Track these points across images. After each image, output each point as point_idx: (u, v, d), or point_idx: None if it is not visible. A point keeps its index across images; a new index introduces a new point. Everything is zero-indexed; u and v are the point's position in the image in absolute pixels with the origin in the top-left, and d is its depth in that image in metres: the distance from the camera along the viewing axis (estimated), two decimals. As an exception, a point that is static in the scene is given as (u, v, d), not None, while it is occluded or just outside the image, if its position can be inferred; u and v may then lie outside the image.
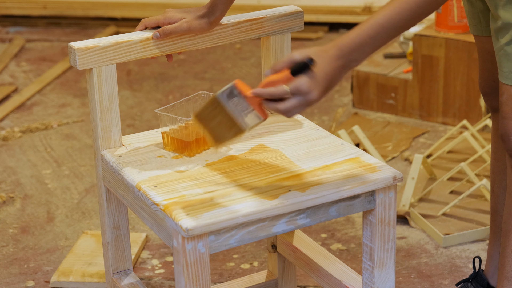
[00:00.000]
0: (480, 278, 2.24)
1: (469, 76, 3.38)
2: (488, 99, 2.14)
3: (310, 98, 1.61)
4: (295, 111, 1.62)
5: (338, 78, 1.63)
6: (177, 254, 1.65)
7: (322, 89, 1.61)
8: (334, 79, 1.63)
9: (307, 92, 1.61)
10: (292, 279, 2.25)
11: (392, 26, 1.61)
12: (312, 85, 1.61)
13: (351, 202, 1.76)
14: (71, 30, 4.79)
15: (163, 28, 1.89)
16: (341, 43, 1.61)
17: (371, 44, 1.61)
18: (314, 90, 1.61)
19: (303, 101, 1.61)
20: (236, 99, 1.64)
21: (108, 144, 1.92)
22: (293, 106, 1.61)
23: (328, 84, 1.62)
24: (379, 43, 1.62)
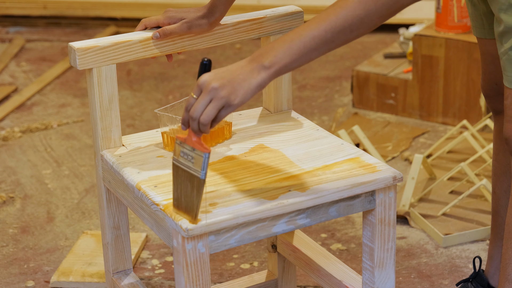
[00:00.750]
0: (480, 278, 2.24)
1: (469, 76, 3.38)
2: (490, 101, 2.14)
3: (213, 89, 1.54)
4: (207, 112, 1.55)
5: (246, 75, 1.56)
6: (177, 254, 1.65)
7: (223, 81, 1.54)
8: (240, 74, 1.55)
9: (206, 84, 1.55)
10: (292, 279, 2.25)
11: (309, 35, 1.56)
12: (212, 77, 1.56)
13: (351, 202, 1.76)
14: (71, 30, 4.79)
15: (163, 29, 1.89)
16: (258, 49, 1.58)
17: (284, 50, 1.55)
18: (214, 80, 1.55)
19: (206, 96, 1.55)
20: (183, 152, 1.59)
21: (108, 144, 1.92)
22: (199, 103, 1.55)
23: (232, 76, 1.55)
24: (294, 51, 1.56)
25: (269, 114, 2.09)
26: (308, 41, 1.56)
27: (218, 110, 1.56)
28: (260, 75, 1.56)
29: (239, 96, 1.55)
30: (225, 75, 1.56)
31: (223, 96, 1.55)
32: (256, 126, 2.02)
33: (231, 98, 1.55)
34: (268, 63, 1.56)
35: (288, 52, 1.56)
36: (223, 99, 1.55)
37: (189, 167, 1.58)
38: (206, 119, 1.56)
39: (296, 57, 1.56)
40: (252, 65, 1.57)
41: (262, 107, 2.13)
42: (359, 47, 4.42)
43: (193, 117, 1.57)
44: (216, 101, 1.55)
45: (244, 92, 1.55)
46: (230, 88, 1.55)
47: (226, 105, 1.56)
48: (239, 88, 1.55)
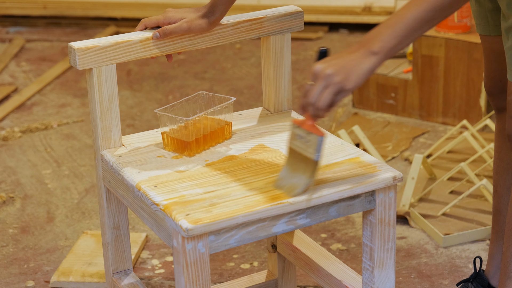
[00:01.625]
0: (480, 278, 2.24)
1: (469, 76, 3.38)
2: (493, 99, 2.15)
3: (327, 76, 1.62)
4: (324, 97, 1.63)
5: (357, 61, 1.63)
6: (177, 254, 1.65)
7: (337, 67, 1.62)
8: (352, 60, 1.63)
9: (321, 71, 1.63)
10: (292, 279, 2.25)
11: (411, 17, 1.62)
12: (325, 64, 1.63)
13: (351, 202, 1.76)
14: (71, 30, 4.79)
15: (163, 28, 1.89)
16: (364, 36, 1.67)
17: (390, 34, 1.62)
18: (328, 67, 1.62)
19: (323, 83, 1.63)
20: (298, 135, 1.69)
21: (108, 144, 1.92)
22: (315, 90, 1.63)
23: (344, 62, 1.63)
24: (399, 33, 1.63)
25: (269, 114, 2.09)
26: (411, 23, 1.62)
27: (334, 95, 1.63)
28: (370, 60, 1.63)
29: (352, 81, 1.63)
30: (337, 62, 1.64)
31: (337, 81, 1.62)
32: (256, 126, 2.02)
33: (345, 83, 1.63)
34: (377, 49, 1.63)
35: (394, 35, 1.62)
36: (337, 85, 1.63)
37: (304, 149, 1.67)
38: (323, 104, 1.63)
39: (401, 39, 1.63)
40: (362, 51, 1.64)
41: (262, 107, 2.13)
42: (359, 47, 4.42)
43: (310, 103, 1.64)
44: (331, 87, 1.63)
45: (356, 77, 1.63)
46: (343, 74, 1.63)
47: (341, 90, 1.63)
48: (351, 73, 1.63)
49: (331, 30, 4.68)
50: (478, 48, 3.33)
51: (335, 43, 4.50)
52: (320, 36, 4.58)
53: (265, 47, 2.05)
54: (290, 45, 2.05)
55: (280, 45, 2.04)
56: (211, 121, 1.92)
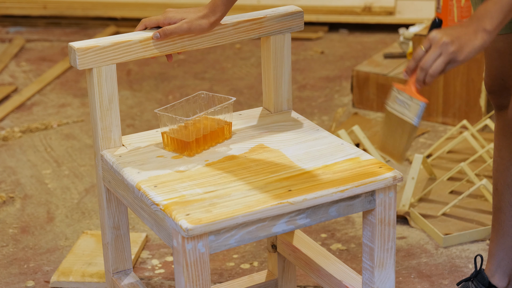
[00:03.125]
0: (481, 277, 2.24)
1: (469, 76, 3.38)
2: (494, 97, 2.15)
3: (443, 44, 1.67)
4: (436, 65, 1.68)
5: (471, 36, 1.68)
6: (177, 254, 1.65)
7: (453, 38, 1.68)
8: (466, 34, 1.69)
9: (438, 39, 1.68)
10: (292, 279, 2.25)
11: None
12: (441, 32, 1.69)
13: (351, 202, 1.76)
14: (71, 30, 4.79)
15: (163, 29, 1.89)
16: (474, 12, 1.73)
17: (497, 10, 1.68)
18: (444, 36, 1.68)
19: (437, 49, 1.68)
20: (399, 99, 1.73)
21: (108, 144, 1.92)
22: (430, 57, 1.68)
23: (459, 34, 1.68)
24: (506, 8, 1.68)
25: (269, 114, 2.09)
26: None
27: (446, 63, 1.69)
28: (483, 37, 1.69)
29: (464, 53, 1.69)
30: (453, 33, 1.69)
31: (452, 51, 1.68)
32: (256, 126, 2.02)
33: (458, 54, 1.68)
34: (488, 26, 1.69)
35: (502, 11, 1.69)
36: (451, 54, 1.68)
37: (404, 113, 1.71)
38: (435, 71, 1.69)
39: (508, 13, 1.69)
40: (475, 27, 1.69)
41: (262, 107, 2.13)
42: (359, 47, 4.42)
43: (423, 68, 1.70)
44: (445, 55, 1.69)
45: (469, 51, 1.68)
46: (458, 45, 1.68)
47: (453, 60, 1.69)
48: (465, 46, 1.69)
49: (331, 30, 4.68)
50: (478, 48, 3.33)
51: (335, 43, 4.50)
52: (320, 36, 4.58)
53: (265, 47, 2.05)
54: (290, 45, 2.05)
55: (280, 45, 2.04)
56: (211, 121, 1.92)
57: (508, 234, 2.20)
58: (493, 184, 2.20)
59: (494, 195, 2.21)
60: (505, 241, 2.20)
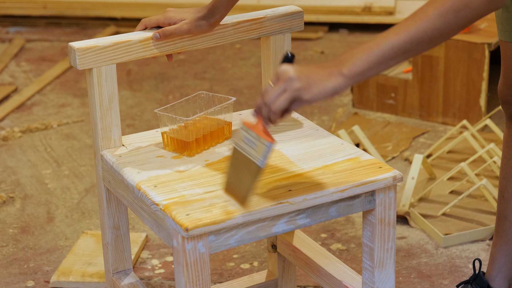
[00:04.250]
0: (480, 280, 2.24)
1: (469, 76, 3.38)
2: (508, 107, 2.13)
3: (289, 79, 1.57)
4: (280, 101, 1.57)
5: (323, 77, 1.57)
6: (177, 254, 1.65)
7: (301, 74, 1.57)
8: (318, 74, 1.58)
9: (284, 73, 1.58)
10: (292, 279, 2.25)
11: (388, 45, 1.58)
12: (291, 69, 1.58)
13: (351, 202, 1.76)
14: (71, 30, 4.79)
15: (163, 30, 1.89)
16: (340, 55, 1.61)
17: (362, 58, 1.58)
18: (292, 71, 1.58)
19: (282, 85, 1.58)
20: (247, 138, 1.62)
21: (108, 144, 1.92)
22: (275, 93, 1.58)
23: (310, 73, 1.58)
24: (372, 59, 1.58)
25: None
26: (387, 50, 1.58)
27: (290, 101, 1.58)
28: (337, 80, 1.58)
29: (311, 93, 1.57)
30: (304, 71, 1.58)
31: (296, 88, 1.57)
32: (256, 126, 2.02)
33: (303, 92, 1.57)
34: (346, 71, 1.58)
35: (366, 60, 1.58)
36: (295, 92, 1.57)
37: (250, 153, 1.61)
38: (278, 108, 1.58)
39: (373, 65, 1.59)
40: (331, 70, 1.59)
41: (262, 107, 2.12)
42: (359, 47, 4.42)
43: (266, 103, 1.59)
44: (290, 92, 1.57)
45: (317, 91, 1.57)
46: (305, 83, 1.57)
47: (298, 98, 1.58)
48: (313, 85, 1.57)
49: (331, 30, 4.68)
50: (478, 48, 3.33)
51: (335, 43, 4.50)
52: (320, 36, 4.58)
53: (265, 47, 2.05)
54: (290, 45, 2.05)
55: (280, 45, 2.04)
56: (211, 121, 1.92)
57: (511, 241, 2.20)
58: (499, 191, 2.19)
59: (500, 202, 2.20)
60: (508, 248, 2.20)
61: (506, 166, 2.17)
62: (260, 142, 1.59)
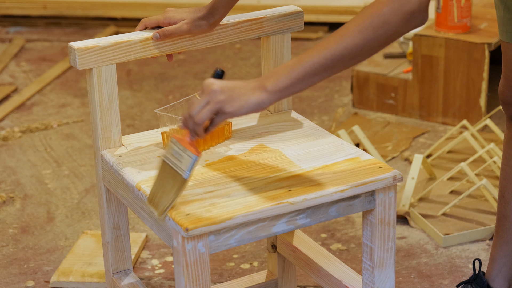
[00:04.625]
0: (480, 281, 2.24)
1: (469, 76, 3.38)
2: (508, 108, 2.13)
3: (212, 91, 1.61)
4: (203, 113, 1.62)
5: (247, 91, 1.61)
6: (177, 254, 1.65)
7: (224, 88, 1.61)
8: (242, 88, 1.62)
9: (208, 86, 1.62)
10: (292, 279, 2.25)
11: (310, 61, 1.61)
12: (216, 83, 1.62)
13: (351, 202, 1.76)
14: (71, 30, 4.79)
15: (163, 30, 1.89)
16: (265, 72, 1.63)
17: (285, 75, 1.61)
18: (215, 84, 1.61)
19: (206, 97, 1.61)
20: (174, 150, 1.65)
21: (108, 144, 1.92)
22: (199, 105, 1.62)
23: (234, 86, 1.61)
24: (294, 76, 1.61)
25: (269, 114, 2.09)
26: (308, 67, 1.61)
27: (212, 113, 1.62)
28: (260, 95, 1.61)
29: (233, 107, 1.61)
30: (228, 84, 1.62)
31: (219, 100, 1.61)
32: (256, 126, 2.02)
33: (225, 105, 1.61)
34: (270, 87, 1.61)
35: (289, 76, 1.61)
36: (218, 104, 1.61)
37: (176, 165, 1.63)
38: (200, 120, 1.62)
39: (296, 82, 1.61)
40: (256, 85, 1.62)
41: (262, 107, 2.12)
42: (359, 47, 4.42)
43: (190, 115, 1.63)
44: (212, 104, 1.61)
45: (239, 105, 1.61)
46: (227, 96, 1.61)
47: (220, 111, 1.61)
48: (236, 99, 1.61)
49: (331, 30, 4.68)
50: (478, 48, 3.33)
51: (335, 43, 4.50)
52: (320, 36, 4.58)
53: (265, 47, 2.05)
54: (290, 45, 2.05)
55: (280, 45, 2.04)
56: (211, 121, 1.92)
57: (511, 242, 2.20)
58: (499, 192, 2.19)
59: (500, 203, 2.20)
60: (508, 248, 2.20)
61: (506, 166, 2.17)
62: (186, 154, 1.62)
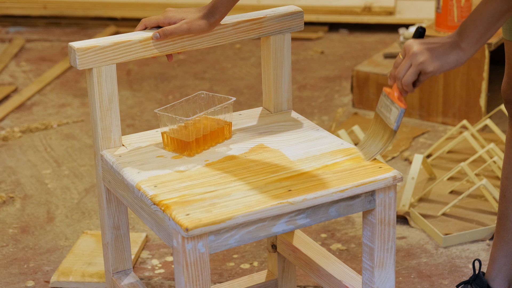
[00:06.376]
0: (480, 281, 2.24)
1: (469, 76, 3.38)
2: (511, 106, 2.13)
3: (413, 54, 1.70)
4: (408, 75, 1.72)
5: (446, 50, 1.70)
6: (177, 254, 1.65)
7: (424, 48, 1.70)
8: (441, 47, 1.71)
9: (409, 48, 1.72)
10: (292, 279, 2.25)
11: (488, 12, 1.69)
12: (415, 42, 1.72)
13: (351, 202, 1.76)
14: (71, 30, 4.79)
15: (163, 29, 1.89)
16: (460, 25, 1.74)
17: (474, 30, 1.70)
18: (415, 46, 1.71)
19: (408, 60, 1.71)
20: (385, 103, 1.78)
21: (108, 144, 1.92)
22: (402, 67, 1.72)
23: (433, 46, 1.71)
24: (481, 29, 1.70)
25: (269, 114, 2.09)
26: (490, 16, 1.70)
27: (416, 74, 1.72)
28: (458, 54, 1.71)
29: (433, 66, 1.71)
30: (428, 45, 1.72)
31: (420, 62, 1.71)
32: (256, 126, 2.02)
33: (426, 66, 1.71)
34: (465, 45, 1.71)
35: (477, 31, 1.70)
36: (420, 65, 1.71)
37: (387, 117, 1.77)
38: (406, 82, 1.73)
39: (485, 32, 1.71)
40: (451, 42, 1.72)
41: (262, 107, 2.13)
42: (359, 47, 4.42)
43: (396, 77, 1.74)
44: (414, 66, 1.72)
45: (439, 64, 1.71)
46: (427, 57, 1.71)
47: (423, 71, 1.72)
48: (436, 59, 1.71)
49: (331, 30, 4.68)
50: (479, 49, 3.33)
51: (335, 43, 4.50)
52: (320, 36, 4.58)
53: (265, 47, 2.05)
54: (290, 45, 2.05)
55: (280, 45, 2.04)
56: (211, 121, 1.92)
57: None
58: (501, 191, 2.19)
59: (501, 202, 2.19)
60: (509, 248, 2.20)
61: (508, 165, 2.17)
62: (394, 106, 1.76)
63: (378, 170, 1.78)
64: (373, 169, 1.78)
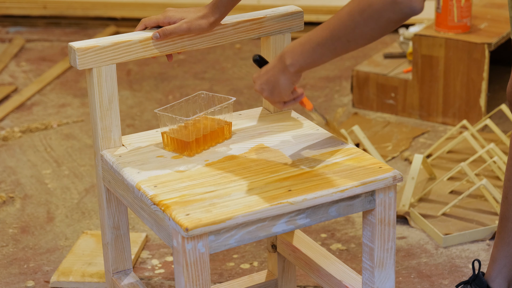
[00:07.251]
0: (479, 281, 2.24)
1: (469, 76, 3.38)
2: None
3: (259, 91, 1.78)
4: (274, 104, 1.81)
5: (276, 76, 1.75)
6: (177, 254, 1.65)
7: (263, 82, 1.77)
8: (272, 77, 1.75)
9: (254, 85, 1.80)
10: (292, 279, 2.25)
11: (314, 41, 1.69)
12: (255, 81, 1.79)
13: (351, 202, 1.76)
14: (71, 30, 4.79)
15: (163, 29, 1.89)
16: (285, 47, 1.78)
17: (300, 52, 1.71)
18: (257, 84, 1.78)
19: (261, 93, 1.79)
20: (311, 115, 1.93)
21: (108, 144, 1.92)
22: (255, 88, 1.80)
23: (268, 78, 1.76)
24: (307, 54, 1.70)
25: (269, 114, 2.09)
26: (315, 46, 1.70)
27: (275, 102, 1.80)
28: (287, 74, 1.75)
29: (277, 96, 1.78)
30: (264, 77, 1.77)
31: (267, 96, 1.79)
32: (256, 126, 2.02)
33: (273, 97, 1.78)
34: (291, 67, 1.73)
35: (302, 55, 1.72)
36: (270, 99, 1.79)
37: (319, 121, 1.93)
38: (281, 108, 1.83)
39: (310, 59, 1.72)
40: (280, 64, 1.74)
41: (262, 107, 2.13)
42: (359, 47, 4.42)
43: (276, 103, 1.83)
44: (268, 99, 1.80)
45: (279, 94, 1.77)
46: (268, 91, 1.78)
47: (277, 100, 1.79)
48: (274, 90, 1.77)
49: (331, 30, 4.67)
50: (478, 48, 3.33)
51: (335, 43, 4.50)
52: (320, 36, 4.57)
53: (265, 47, 2.05)
54: (290, 45, 2.05)
55: (280, 45, 2.04)
56: (211, 121, 1.92)
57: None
58: (503, 193, 2.19)
59: (503, 204, 2.19)
60: (510, 249, 2.20)
61: (511, 167, 2.17)
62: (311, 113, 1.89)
63: (378, 170, 1.78)
64: (373, 169, 1.78)
